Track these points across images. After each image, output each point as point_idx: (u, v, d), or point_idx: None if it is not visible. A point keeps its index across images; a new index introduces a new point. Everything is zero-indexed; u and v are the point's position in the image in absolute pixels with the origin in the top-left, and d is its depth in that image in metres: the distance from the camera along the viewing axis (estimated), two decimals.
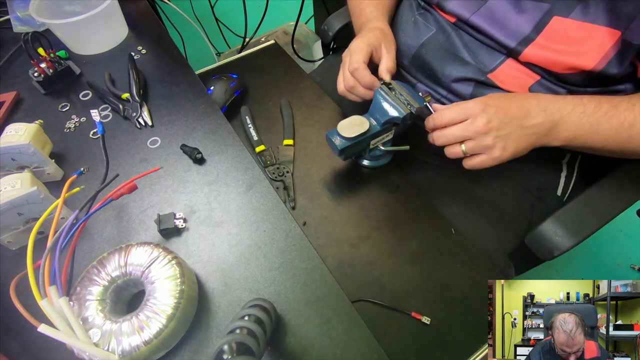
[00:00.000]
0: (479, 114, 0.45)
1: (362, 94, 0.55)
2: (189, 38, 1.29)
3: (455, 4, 0.55)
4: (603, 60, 0.45)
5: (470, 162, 0.49)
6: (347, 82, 0.55)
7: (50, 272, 0.34)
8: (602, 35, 0.45)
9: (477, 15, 0.52)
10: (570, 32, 0.46)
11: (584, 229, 0.48)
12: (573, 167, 0.63)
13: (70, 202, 0.48)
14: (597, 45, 0.45)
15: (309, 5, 1.18)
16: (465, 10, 0.53)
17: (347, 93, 0.57)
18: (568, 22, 0.46)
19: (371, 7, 0.63)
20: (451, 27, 0.57)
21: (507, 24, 0.50)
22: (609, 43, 0.45)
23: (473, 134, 0.46)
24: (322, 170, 0.59)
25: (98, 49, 0.68)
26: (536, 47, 0.49)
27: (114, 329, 0.35)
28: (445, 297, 0.49)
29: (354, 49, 0.55)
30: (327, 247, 0.52)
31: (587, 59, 0.46)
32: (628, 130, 0.46)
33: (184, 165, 0.52)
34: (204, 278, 0.43)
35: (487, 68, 0.54)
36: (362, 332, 0.39)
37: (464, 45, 0.56)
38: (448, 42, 0.57)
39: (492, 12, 0.51)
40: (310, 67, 1.09)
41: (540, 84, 0.51)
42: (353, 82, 0.55)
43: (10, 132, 0.47)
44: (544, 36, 0.48)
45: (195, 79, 0.63)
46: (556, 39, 0.48)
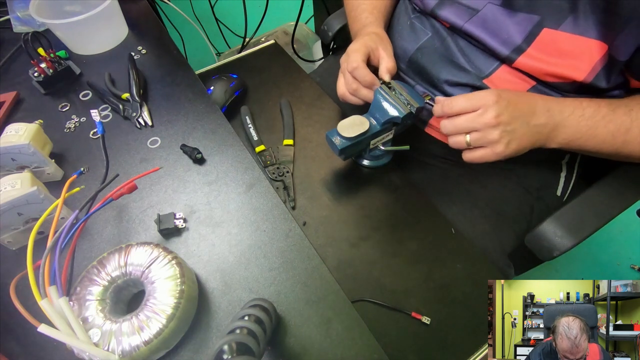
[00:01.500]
0: (491, 105, 0.44)
1: (364, 96, 0.55)
2: (189, 38, 1.29)
3: (448, 12, 0.54)
4: (592, 72, 0.46)
5: (471, 155, 0.47)
6: (350, 84, 0.55)
7: (50, 272, 0.34)
8: (591, 47, 0.45)
9: (470, 23, 0.52)
10: (560, 44, 0.46)
11: (584, 229, 0.48)
12: (573, 168, 0.63)
13: (70, 202, 0.48)
14: (587, 57, 0.45)
15: (309, 5, 1.18)
16: (459, 19, 0.53)
17: (348, 96, 0.57)
18: (558, 34, 0.46)
19: (366, 12, 0.63)
20: (447, 32, 0.57)
21: (500, 33, 0.50)
22: (597, 56, 0.45)
23: (482, 126, 0.45)
24: (322, 170, 0.59)
25: (98, 49, 0.68)
26: (527, 58, 0.49)
27: (114, 329, 0.35)
28: (445, 297, 0.49)
29: (351, 50, 0.55)
30: (327, 247, 0.52)
31: (577, 71, 0.46)
32: (624, 134, 0.46)
33: (184, 165, 0.52)
34: (204, 278, 0.43)
35: (483, 73, 0.54)
36: (362, 332, 0.39)
37: (460, 50, 0.56)
38: (444, 46, 0.57)
39: (485, 20, 0.51)
40: (310, 67, 1.09)
41: (536, 89, 0.52)
42: (356, 84, 0.55)
43: (10, 132, 0.47)
44: (535, 47, 0.48)
45: (195, 79, 0.63)
46: (546, 50, 0.48)
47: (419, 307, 0.48)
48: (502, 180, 0.62)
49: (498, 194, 0.61)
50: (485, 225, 0.58)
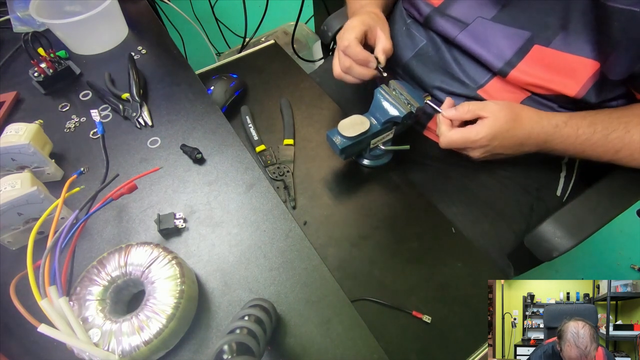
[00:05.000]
0: (484, 144, 0.48)
1: (358, 74, 0.53)
2: (189, 38, 1.29)
3: (441, 23, 0.54)
4: (583, 89, 0.46)
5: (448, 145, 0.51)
6: (343, 62, 0.53)
7: (50, 272, 0.34)
8: (582, 65, 0.45)
9: (462, 36, 0.52)
10: (551, 60, 0.47)
11: (583, 229, 0.48)
12: (572, 168, 0.63)
13: (70, 202, 0.48)
14: (578, 75, 0.46)
15: (309, 5, 1.18)
16: (451, 31, 0.53)
17: (343, 75, 0.55)
18: (549, 51, 0.46)
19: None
20: (441, 41, 0.57)
21: (490, 46, 0.51)
22: (588, 73, 0.45)
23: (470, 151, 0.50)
24: (322, 169, 0.59)
25: (98, 49, 0.68)
26: (519, 72, 0.49)
27: (114, 329, 0.34)
28: (446, 296, 0.49)
29: (347, 27, 0.53)
30: (328, 246, 0.52)
31: (567, 88, 0.47)
32: (613, 155, 0.48)
33: (184, 165, 0.52)
34: (204, 278, 0.43)
35: (477, 84, 0.54)
36: (362, 332, 0.39)
37: (454, 60, 0.56)
38: (438, 56, 0.57)
39: (476, 34, 0.51)
40: (310, 67, 1.09)
41: (531, 99, 0.52)
42: (349, 62, 0.53)
43: (10, 132, 0.47)
44: (525, 63, 0.48)
45: (195, 79, 0.63)
46: (537, 66, 0.48)
47: (419, 306, 0.48)
48: (502, 180, 0.62)
49: (498, 194, 0.61)
50: (485, 225, 0.58)
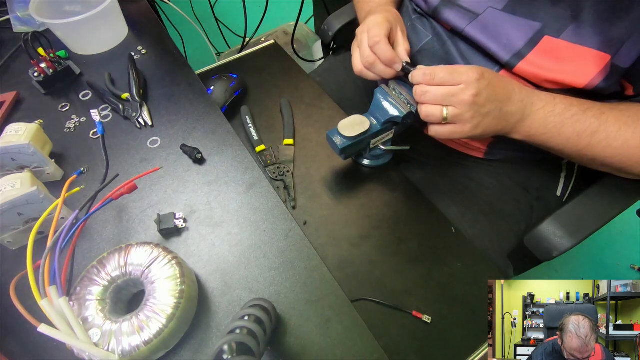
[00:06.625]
0: (472, 83, 0.43)
1: (381, 72, 0.51)
2: (189, 38, 1.29)
3: (449, 14, 0.54)
4: (592, 81, 0.46)
5: (440, 130, 0.46)
6: (367, 58, 0.51)
7: (50, 272, 0.34)
8: (592, 57, 0.45)
9: (471, 27, 0.52)
10: (561, 52, 0.46)
11: (583, 229, 0.48)
12: (573, 168, 0.63)
13: (70, 202, 0.48)
14: (587, 66, 0.45)
15: (309, 5, 1.18)
16: (459, 22, 0.53)
17: (365, 71, 0.53)
18: (559, 42, 0.46)
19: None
20: (447, 35, 0.57)
21: (500, 37, 0.50)
22: (598, 65, 0.45)
23: (459, 102, 0.43)
24: (322, 169, 0.59)
25: (98, 49, 0.68)
26: (527, 64, 0.49)
27: (114, 329, 0.34)
28: (446, 296, 0.49)
29: (373, 23, 0.51)
30: (328, 246, 0.52)
31: (576, 79, 0.46)
32: (589, 137, 0.46)
33: (184, 165, 0.52)
34: (204, 278, 0.43)
35: None
36: (362, 332, 0.39)
37: (460, 55, 0.55)
38: (443, 50, 0.57)
39: (485, 25, 0.51)
40: (310, 67, 1.09)
41: None
42: (373, 58, 0.51)
43: (10, 132, 0.47)
44: (535, 54, 0.48)
45: (195, 79, 0.63)
46: (547, 57, 0.47)
47: (419, 306, 0.48)
48: (502, 180, 0.62)
49: (498, 194, 0.61)
50: (484, 225, 0.58)
